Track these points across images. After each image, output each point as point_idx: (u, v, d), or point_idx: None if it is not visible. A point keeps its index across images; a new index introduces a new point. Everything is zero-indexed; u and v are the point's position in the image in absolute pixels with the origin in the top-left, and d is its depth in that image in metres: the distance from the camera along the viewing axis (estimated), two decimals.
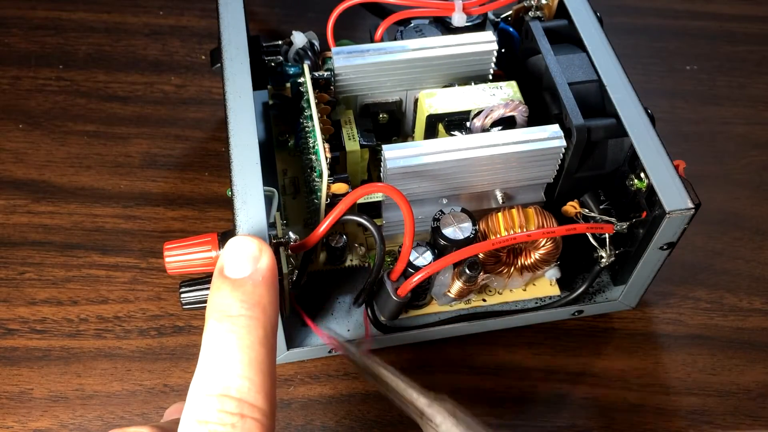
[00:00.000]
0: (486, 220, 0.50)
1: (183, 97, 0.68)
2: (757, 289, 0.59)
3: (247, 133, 0.46)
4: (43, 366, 0.53)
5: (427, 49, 0.53)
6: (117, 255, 0.58)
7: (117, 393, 0.52)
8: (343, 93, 0.54)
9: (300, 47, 0.59)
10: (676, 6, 0.78)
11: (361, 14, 0.62)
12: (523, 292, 0.55)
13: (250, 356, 0.32)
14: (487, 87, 0.53)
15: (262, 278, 0.34)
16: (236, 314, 0.33)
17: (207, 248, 0.44)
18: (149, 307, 0.56)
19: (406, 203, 0.44)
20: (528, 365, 0.54)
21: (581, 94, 0.51)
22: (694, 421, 0.52)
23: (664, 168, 0.47)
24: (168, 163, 0.64)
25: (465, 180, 0.50)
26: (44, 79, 0.68)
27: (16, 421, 0.50)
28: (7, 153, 0.63)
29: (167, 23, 0.74)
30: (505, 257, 0.51)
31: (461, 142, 0.49)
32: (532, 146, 0.49)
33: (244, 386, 0.31)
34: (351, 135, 0.53)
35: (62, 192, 0.61)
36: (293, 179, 0.59)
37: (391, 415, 0.52)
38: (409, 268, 0.47)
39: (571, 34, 0.55)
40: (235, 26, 0.52)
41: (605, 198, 0.51)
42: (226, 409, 0.31)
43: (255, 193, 0.44)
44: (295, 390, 0.52)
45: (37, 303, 0.55)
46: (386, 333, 0.52)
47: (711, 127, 0.69)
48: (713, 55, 0.74)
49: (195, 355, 0.53)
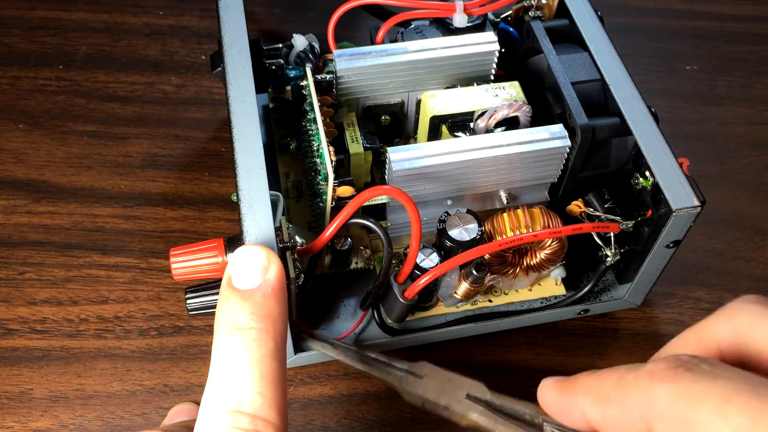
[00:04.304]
0: (491, 221, 0.50)
1: (183, 97, 0.68)
2: (757, 289, 0.59)
3: (251, 137, 0.46)
4: (43, 366, 0.53)
5: (428, 50, 0.53)
6: (117, 255, 0.58)
7: (117, 393, 0.52)
8: (345, 95, 0.54)
9: (301, 50, 0.59)
10: (676, 6, 0.78)
11: (361, 15, 0.62)
12: (528, 292, 0.55)
13: (261, 370, 0.32)
14: (489, 87, 0.53)
15: (271, 289, 0.34)
16: (246, 327, 0.33)
17: (213, 254, 0.44)
18: (149, 307, 0.55)
19: (412, 206, 0.44)
20: (528, 365, 0.54)
21: (584, 93, 0.51)
22: None
23: (669, 166, 0.47)
24: (168, 163, 0.63)
25: (470, 181, 0.50)
26: (44, 79, 0.68)
27: (16, 421, 0.50)
28: (7, 153, 0.63)
29: (167, 23, 0.73)
30: (510, 258, 0.51)
31: (465, 143, 0.49)
32: (536, 146, 0.49)
33: (256, 401, 0.31)
34: (354, 137, 0.53)
35: (62, 192, 0.61)
36: (296, 182, 0.59)
37: (391, 415, 0.52)
38: (416, 271, 0.47)
39: (572, 33, 0.55)
40: (236, 30, 0.52)
41: (610, 197, 0.51)
42: (240, 425, 0.30)
43: (261, 197, 0.44)
44: (295, 390, 0.52)
45: (37, 303, 0.55)
46: (393, 336, 0.52)
47: (711, 127, 0.69)
48: (713, 55, 0.74)
49: (195, 355, 0.53)
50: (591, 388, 0.28)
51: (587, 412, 0.28)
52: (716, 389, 0.23)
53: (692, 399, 0.24)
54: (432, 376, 0.38)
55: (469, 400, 0.36)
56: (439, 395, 0.37)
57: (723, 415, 0.23)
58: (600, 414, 0.27)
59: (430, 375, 0.38)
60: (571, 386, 0.29)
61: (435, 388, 0.37)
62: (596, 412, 0.27)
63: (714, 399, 0.23)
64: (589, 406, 0.28)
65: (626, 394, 0.26)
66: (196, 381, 0.53)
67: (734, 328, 0.27)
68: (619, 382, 0.27)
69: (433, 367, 0.39)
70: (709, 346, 0.27)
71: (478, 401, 0.36)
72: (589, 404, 0.28)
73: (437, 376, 0.38)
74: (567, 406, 0.29)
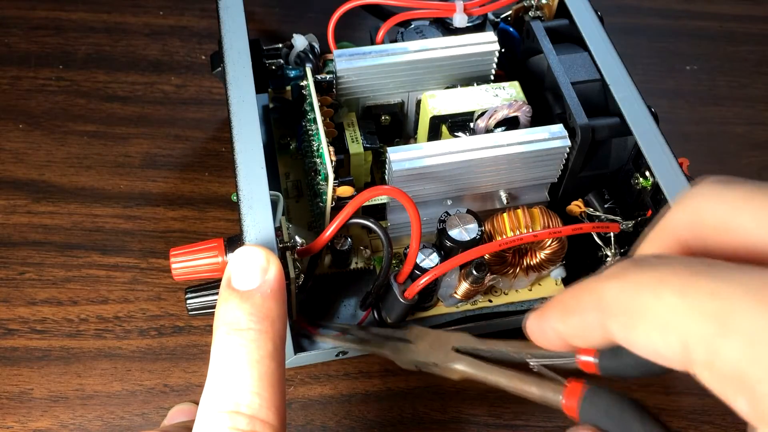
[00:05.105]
0: (491, 221, 0.50)
1: (183, 97, 0.68)
2: None
3: (251, 138, 0.46)
4: (43, 366, 0.53)
5: (428, 50, 0.53)
6: (117, 255, 0.58)
7: (117, 393, 0.52)
8: (345, 95, 0.54)
9: (301, 50, 0.59)
10: (676, 6, 0.78)
11: (361, 15, 0.62)
12: (528, 292, 0.55)
13: (260, 371, 0.32)
14: (489, 87, 0.53)
15: (270, 290, 0.34)
16: (245, 327, 0.33)
17: (213, 254, 0.44)
18: (149, 307, 0.55)
19: (412, 206, 0.44)
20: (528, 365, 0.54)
21: (584, 93, 0.51)
22: (693, 421, 0.52)
23: (669, 166, 0.47)
24: (168, 163, 0.63)
25: (470, 181, 0.50)
26: (44, 79, 0.68)
27: (16, 421, 0.50)
28: (7, 153, 0.63)
29: (167, 23, 0.73)
30: (510, 258, 0.51)
31: (465, 143, 0.49)
32: (536, 146, 0.49)
33: (255, 402, 0.31)
34: (354, 137, 0.53)
35: (62, 192, 0.61)
36: (296, 182, 0.59)
37: (392, 415, 0.52)
38: (416, 271, 0.47)
39: (572, 33, 0.55)
40: (236, 30, 0.52)
41: (610, 197, 0.51)
42: (238, 426, 0.30)
43: (261, 197, 0.44)
44: (295, 390, 0.52)
45: (37, 303, 0.55)
46: None
47: (711, 127, 0.69)
48: (713, 55, 0.74)
49: (195, 355, 0.53)
50: (556, 305, 0.28)
51: (556, 327, 0.28)
52: (655, 275, 0.23)
53: (635, 289, 0.24)
54: (421, 337, 0.39)
55: (456, 353, 0.37)
56: (427, 355, 0.38)
57: (659, 296, 0.23)
58: (564, 326, 0.27)
59: (419, 336, 0.39)
60: (544, 308, 0.29)
61: (424, 349, 0.38)
62: (562, 325, 0.27)
63: (652, 283, 0.23)
64: (556, 322, 0.28)
65: (581, 300, 0.26)
66: (196, 381, 0.53)
67: (692, 217, 0.26)
68: (575, 291, 0.26)
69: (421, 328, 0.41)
70: (671, 241, 0.27)
71: (465, 352, 0.37)
72: (556, 319, 0.28)
73: (424, 335, 0.39)
74: (542, 328, 0.28)
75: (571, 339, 0.27)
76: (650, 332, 0.23)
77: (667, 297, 0.22)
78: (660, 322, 0.23)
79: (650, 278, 0.23)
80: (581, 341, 0.27)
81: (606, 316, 0.25)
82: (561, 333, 0.27)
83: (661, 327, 0.23)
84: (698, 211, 0.25)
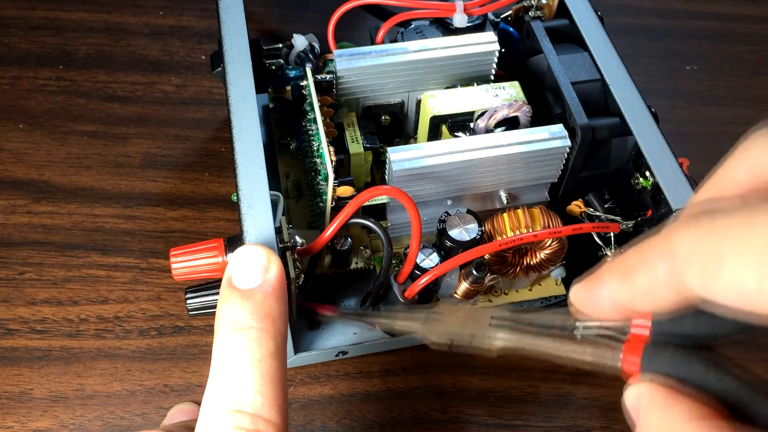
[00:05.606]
0: (491, 221, 0.50)
1: (183, 97, 0.68)
2: None
3: (251, 138, 0.46)
4: (43, 366, 0.53)
5: (428, 50, 0.53)
6: (117, 255, 0.58)
7: (117, 393, 0.52)
8: (346, 95, 0.54)
9: (301, 50, 0.59)
10: (676, 6, 0.78)
11: (361, 15, 0.62)
12: (528, 292, 0.55)
13: (262, 370, 0.32)
14: (490, 87, 0.53)
15: (271, 289, 0.34)
16: (246, 326, 0.33)
17: (213, 254, 0.44)
18: (149, 307, 0.55)
19: (413, 206, 0.44)
20: (528, 365, 0.54)
21: (584, 93, 0.51)
22: None
23: (669, 166, 0.47)
24: (168, 163, 0.63)
25: (470, 181, 0.50)
26: (44, 79, 0.68)
27: (16, 421, 0.50)
28: (7, 153, 0.63)
29: (167, 23, 0.73)
30: (510, 258, 0.51)
31: (466, 143, 0.49)
32: (536, 146, 0.49)
33: (257, 401, 0.31)
34: (354, 137, 0.53)
35: (62, 192, 0.61)
36: (296, 182, 0.59)
37: (392, 415, 0.52)
38: (416, 271, 0.47)
39: (572, 33, 0.55)
40: (236, 30, 0.52)
41: (610, 197, 0.51)
42: (241, 425, 0.30)
43: (261, 197, 0.44)
44: (295, 390, 0.52)
45: (37, 303, 0.55)
46: (393, 336, 0.52)
47: (711, 127, 0.69)
48: (713, 55, 0.74)
49: (195, 355, 0.53)
50: (614, 269, 0.27)
51: (614, 294, 0.27)
52: (737, 219, 0.22)
53: (715, 235, 0.23)
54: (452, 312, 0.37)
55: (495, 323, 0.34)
56: (463, 326, 0.35)
57: (745, 239, 0.22)
58: (627, 290, 0.26)
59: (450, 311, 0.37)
60: (596, 276, 0.28)
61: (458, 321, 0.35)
62: (623, 289, 0.26)
63: (736, 227, 0.22)
64: (615, 287, 0.26)
65: (649, 257, 0.25)
66: (196, 381, 0.53)
67: (752, 164, 0.25)
68: (640, 251, 0.26)
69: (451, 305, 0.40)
70: (730, 190, 0.26)
71: (504, 321, 0.34)
72: (615, 285, 0.27)
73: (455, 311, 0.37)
74: (595, 296, 0.27)
75: (633, 302, 0.26)
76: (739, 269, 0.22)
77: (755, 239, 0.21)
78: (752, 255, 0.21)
79: (731, 223, 0.22)
80: (647, 302, 0.26)
81: (683, 266, 0.23)
82: (621, 300, 0.26)
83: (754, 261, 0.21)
84: (757, 161, 0.25)
